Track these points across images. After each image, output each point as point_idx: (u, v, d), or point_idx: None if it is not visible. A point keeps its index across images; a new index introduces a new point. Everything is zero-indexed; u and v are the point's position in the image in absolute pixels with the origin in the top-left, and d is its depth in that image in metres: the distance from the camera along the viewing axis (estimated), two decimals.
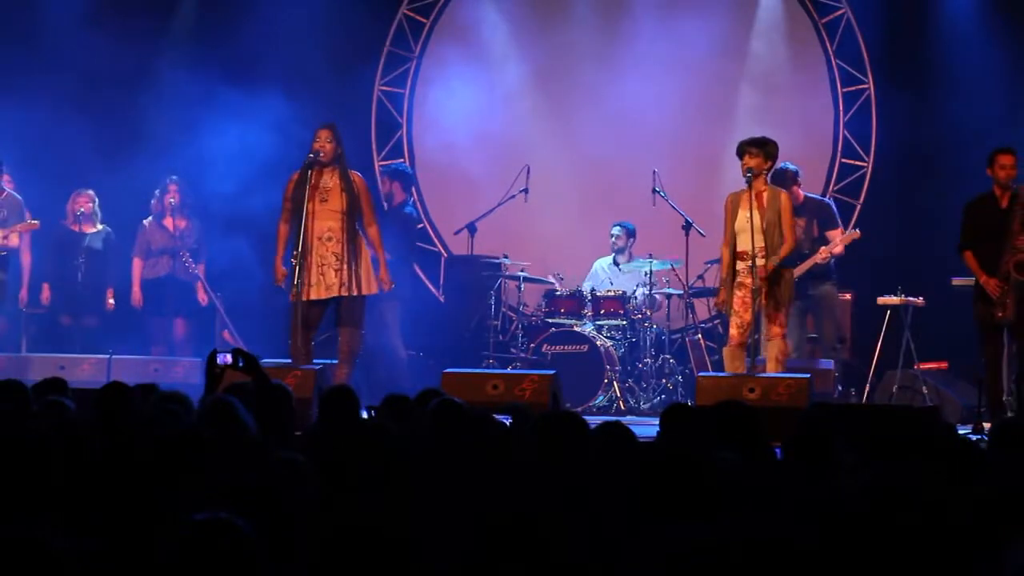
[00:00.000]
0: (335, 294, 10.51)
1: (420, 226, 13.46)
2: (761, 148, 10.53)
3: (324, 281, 10.51)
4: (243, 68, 13.35)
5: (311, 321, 10.60)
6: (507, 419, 7.66)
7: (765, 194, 10.54)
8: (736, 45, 13.81)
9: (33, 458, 4.86)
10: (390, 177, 12.93)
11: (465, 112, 13.97)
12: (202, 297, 12.81)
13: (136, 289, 12.74)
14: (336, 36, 13.82)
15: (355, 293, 10.59)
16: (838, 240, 11.79)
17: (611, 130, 13.81)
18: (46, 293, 12.79)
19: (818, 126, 13.79)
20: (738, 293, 10.49)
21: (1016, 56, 12.91)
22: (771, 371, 10.40)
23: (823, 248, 11.65)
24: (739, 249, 10.52)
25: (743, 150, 10.56)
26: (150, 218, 12.82)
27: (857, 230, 12.16)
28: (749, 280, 10.38)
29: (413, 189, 13.15)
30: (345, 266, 10.56)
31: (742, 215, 10.54)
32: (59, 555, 3.33)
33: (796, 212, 11.51)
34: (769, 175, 10.60)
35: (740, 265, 10.51)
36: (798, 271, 11.22)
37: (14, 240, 12.06)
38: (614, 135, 13.78)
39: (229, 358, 7.01)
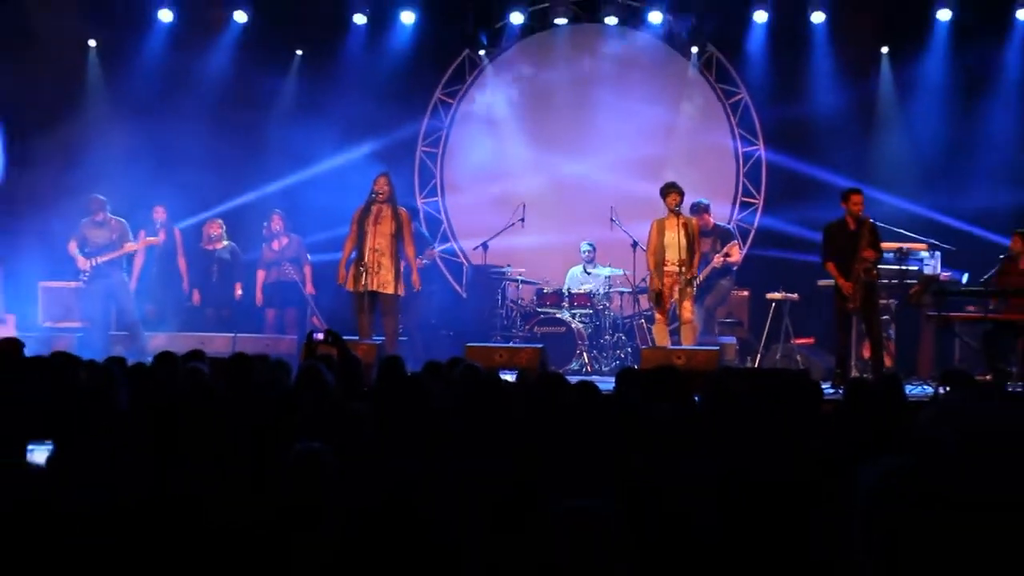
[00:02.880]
0: (375, 288, 10.55)
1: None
2: (680, 190, 10.70)
3: (373, 279, 10.56)
4: (333, 130, 13.37)
5: (370, 308, 10.62)
6: (512, 374, 7.70)
7: (680, 220, 10.72)
8: (670, 117, 13.81)
9: (178, 407, 4.88)
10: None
11: (481, 165, 14.01)
12: (310, 289, 12.73)
13: (259, 292, 12.75)
14: (393, 113, 13.81)
15: (390, 292, 10.62)
16: (728, 250, 11.82)
17: (583, 179, 13.79)
18: (196, 297, 12.83)
19: (725, 174, 13.77)
20: (665, 287, 10.71)
21: (861, 122, 13.00)
22: (688, 341, 10.55)
23: (717, 256, 11.72)
24: (667, 257, 10.64)
25: (673, 190, 10.72)
26: (266, 242, 12.84)
27: (736, 242, 12.20)
28: (668, 280, 10.63)
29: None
30: (384, 271, 10.61)
31: (669, 234, 10.67)
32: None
33: (707, 233, 11.78)
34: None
35: (668, 268, 10.64)
36: (705, 272, 11.49)
37: (131, 248, 11.88)
38: (585, 182, 13.76)
39: (321, 336, 7.03)
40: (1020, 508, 2.28)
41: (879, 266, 10.59)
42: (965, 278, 11.80)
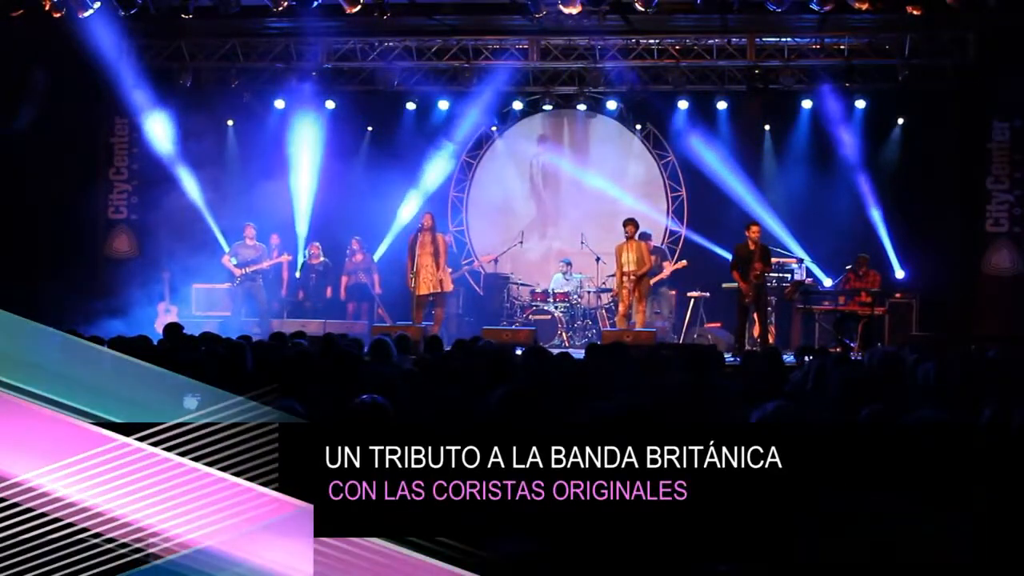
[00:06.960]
0: (430, 290, 10.62)
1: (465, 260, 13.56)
2: (636, 223, 10.80)
3: (425, 284, 10.63)
4: (393, 179, 13.10)
5: (422, 304, 10.73)
6: (520, 348, 7.71)
7: (635, 243, 10.76)
8: (621, 171, 13.67)
9: (288, 366, 4.88)
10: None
11: (493, 204, 13.94)
12: (377, 290, 12.62)
13: (343, 291, 12.60)
14: (433, 168, 13.67)
15: (439, 290, 10.70)
16: (670, 267, 11.94)
17: (563, 213, 13.73)
18: (301, 294, 12.73)
19: (658, 211, 13.59)
20: (623, 290, 10.73)
21: (752, 172, 12.90)
22: (639, 326, 10.56)
23: (661, 273, 11.84)
24: (625, 270, 10.73)
25: (630, 223, 10.98)
26: (348, 257, 12.78)
27: (684, 260, 12.26)
28: (630, 284, 10.77)
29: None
30: (433, 277, 10.66)
31: (625, 254, 10.78)
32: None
33: (651, 254, 11.68)
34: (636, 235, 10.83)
35: (628, 278, 10.80)
36: (653, 281, 11.52)
37: (268, 263, 11.96)
38: (564, 215, 13.71)
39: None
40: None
41: (766, 274, 10.70)
42: (828, 282, 11.90)
